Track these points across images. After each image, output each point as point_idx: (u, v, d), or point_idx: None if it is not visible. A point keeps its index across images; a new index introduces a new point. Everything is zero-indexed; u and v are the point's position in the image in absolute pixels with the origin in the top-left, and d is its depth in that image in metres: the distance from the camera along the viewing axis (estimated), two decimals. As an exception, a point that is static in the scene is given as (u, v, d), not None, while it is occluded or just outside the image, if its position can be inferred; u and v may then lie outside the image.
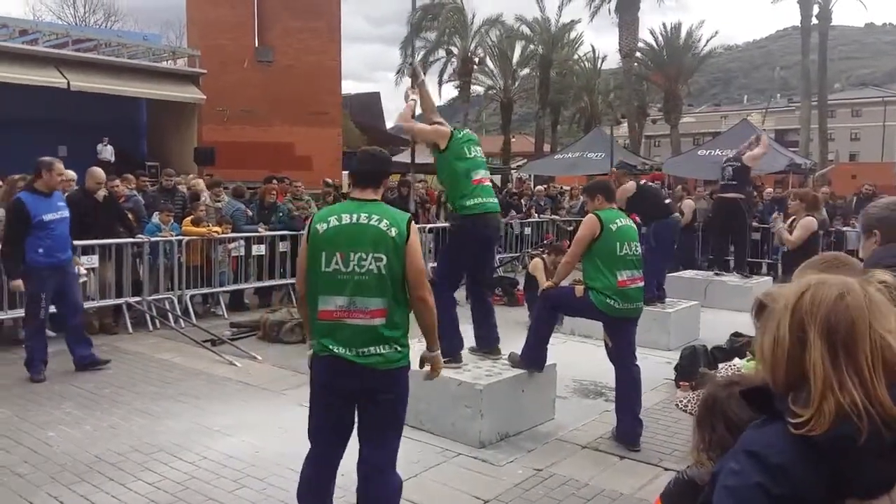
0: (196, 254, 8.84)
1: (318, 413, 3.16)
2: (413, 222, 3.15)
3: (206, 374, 6.45)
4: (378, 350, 3.00)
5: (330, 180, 13.38)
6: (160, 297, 8.46)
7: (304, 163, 19.95)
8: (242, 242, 9.31)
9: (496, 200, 5.28)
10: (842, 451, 1.16)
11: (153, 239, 8.38)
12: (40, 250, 6.07)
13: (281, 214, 9.90)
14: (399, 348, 3.06)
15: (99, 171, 8.12)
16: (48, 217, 6.11)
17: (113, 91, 16.45)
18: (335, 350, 3.00)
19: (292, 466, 4.32)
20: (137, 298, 8.24)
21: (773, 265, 12.41)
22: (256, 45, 21.12)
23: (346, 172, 19.93)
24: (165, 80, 18.18)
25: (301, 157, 20.33)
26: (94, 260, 7.71)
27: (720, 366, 4.96)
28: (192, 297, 8.79)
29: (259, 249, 9.39)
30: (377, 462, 3.11)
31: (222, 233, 9.04)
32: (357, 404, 3.11)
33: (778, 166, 17.62)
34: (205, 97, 18.36)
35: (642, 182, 8.34)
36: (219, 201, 9.84)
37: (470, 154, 5.03)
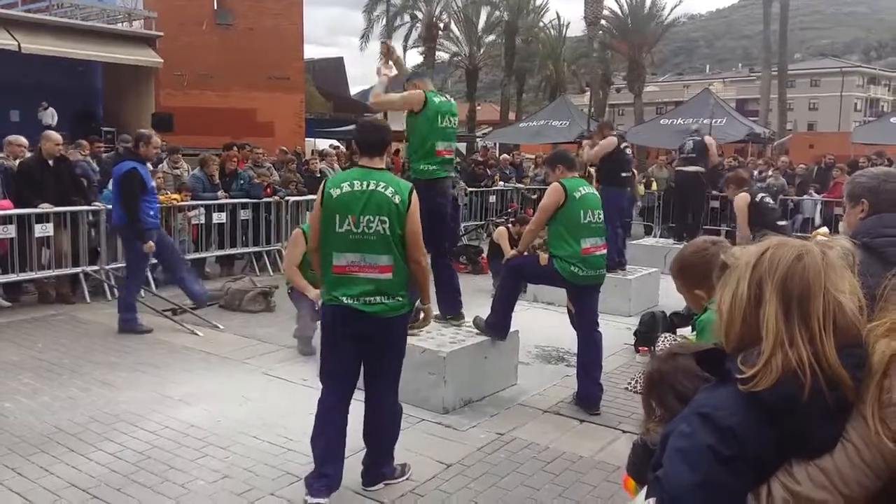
0: (155, 222, 8.65)
1: (329, 356, 3.55)
2: (414, 193, 3.55)
3: (167, 344, 6.38)
4: (382, 300, 3.43)
5: (286, 148, 13.16)
6: (118, 265, 8.29)
7: (266, 129, 19.62)
8: (203, 210, 9.15)
9: (450, 171, 5.29)
10: (787, 409, 1.19)
11: (109, 206, 8.17)
12: (151, 213, 6.76)
13: (242, 182, 9.74)
14: (400, 299, 3.50)
15: (55, 134, 7.92)
16: (152, 184, 6.94)
17: (66, 54, 15.89)
18: (345, 300, 3.41)
19: (255, 434, 4.34)
20: (95, 267, 8.07)
21: (731, 232, 12.64)
22: (215, 7, 20.55)
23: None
24: (121, 43, 17.62)
25: (263, 123, 19.99)
26: (48, 228, 7.51)
27: (659, 337, 5.08)
28: (152, 265, 8.63)
29: (220, 217, 9.25)
30: (383, 391, 3.63)
31: (182, 200, 8.87)
32: (363, 347, 3.51)
33: (737, 135, 17.87)
34: (161, 61, 17.87)
35: (623, 145, 8.32)
36: (177, 168, 9.63)
37: (441, 123, 5.06)
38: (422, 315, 3.89)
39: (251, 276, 8.77)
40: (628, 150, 8.66)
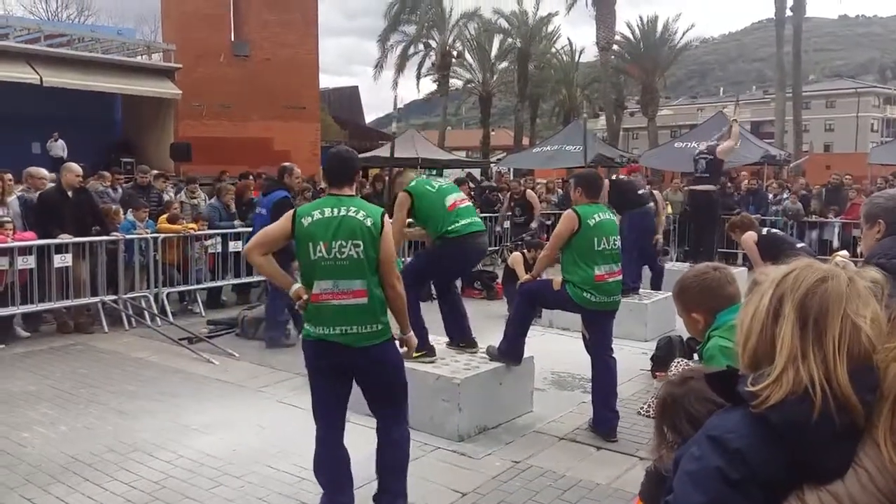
0: (172, 251, 8.76)
1: (316, 391, 3.50)
2: (386, 216, 3.53)
3: (183, 373, 6.41)
4: (360, 329, 3.35)
5: (303, 176, 13.29)
6: (136, 295, 8.38)
7: (283, 158, 19.64)
8: (219, 239, 9.24)
9: (479, 219, 5.30)
10: (795, 431, 1.18)
11: (128, 236, 8.29)
12: None
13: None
14: (379, 326, 3.42)
15: (75, 166, 8.08)
16: None
17: (87, 87, 16.19)
18: (322, 332, 3.35)
19: (270, 464, 4.34)
20: (113, 297, 8.15)
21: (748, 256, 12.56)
22: (232, 38, 20.92)
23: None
24: (140, 75, 17.94)
25: (279, 151, 20.17)
26: (67, 259, 7.61)
27: (673, 362, 5.04)
28: (168, 294, 8.71)
29: (236, 246, 9.32)
30: (388, 420, 3.54)
31: (198, 230, 8.96)
32: (353, 378, 3.48)
33: (753, 158, 17.77)
34: (180, 92, 18.15)
35: (613, 177, 8.49)
36: (194, 198, 9.75)
37: (434, 188, 5.13)
38: (403, 347, 3.66)
39: (267, 304, 8.79)
40: (623, 177, 9.05)
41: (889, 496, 1.17)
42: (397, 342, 3.64)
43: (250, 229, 9.42)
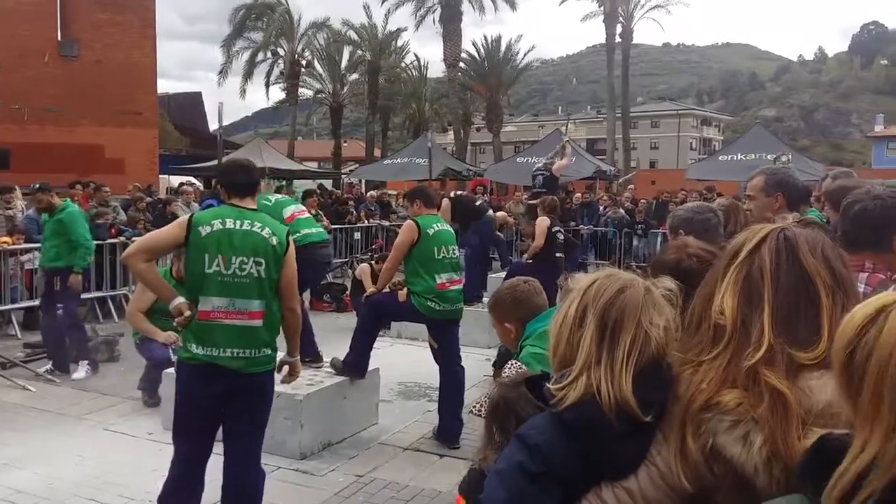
0: (-18, 268, 7.91)
1: (187, 418, 3.21)
2: (291, 235, 3.42)
3: (-8, 402, 5.79)
4: (250, 353, 3.16)
5: (140, 185, 12.53)
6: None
7: (116, 166, 18.56)
8: (37, 254, 8.44)
9: (320, 229, 5.26)
10: (585, 429, 1.26)
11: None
12: None
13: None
14: (269, 352, 3.26)
15: None
16: None
17: None
18: (211, 354, 3.10)
19: (92, 496, 4.03)
20: None
21: (582, 263, 13.34)
22: (59, 37, 19.34)
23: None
24: (-54, 73, 16.13)
25: (112, 159, 18.89)
26: None
27: (506, 365, 5.28)
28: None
29: (58, 261, 8.56)
30: (246, 455, 3.26)
31: (13, 243, 8.16)
32: (223, 404, 3.20)
33: (586, 173, 18.95)
34: (-4, 94, 16.51)
35: (452, 194, 8.90)
36: (10, 209, 8.88)
37: (270, 201, 5.07)
38: (286, 369, 3.55)
39: (93, 324, 8.16)
40: (460, 193, 9.77)
41: (678, 492, 1.26)
42: (285, 366, 3.55)
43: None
